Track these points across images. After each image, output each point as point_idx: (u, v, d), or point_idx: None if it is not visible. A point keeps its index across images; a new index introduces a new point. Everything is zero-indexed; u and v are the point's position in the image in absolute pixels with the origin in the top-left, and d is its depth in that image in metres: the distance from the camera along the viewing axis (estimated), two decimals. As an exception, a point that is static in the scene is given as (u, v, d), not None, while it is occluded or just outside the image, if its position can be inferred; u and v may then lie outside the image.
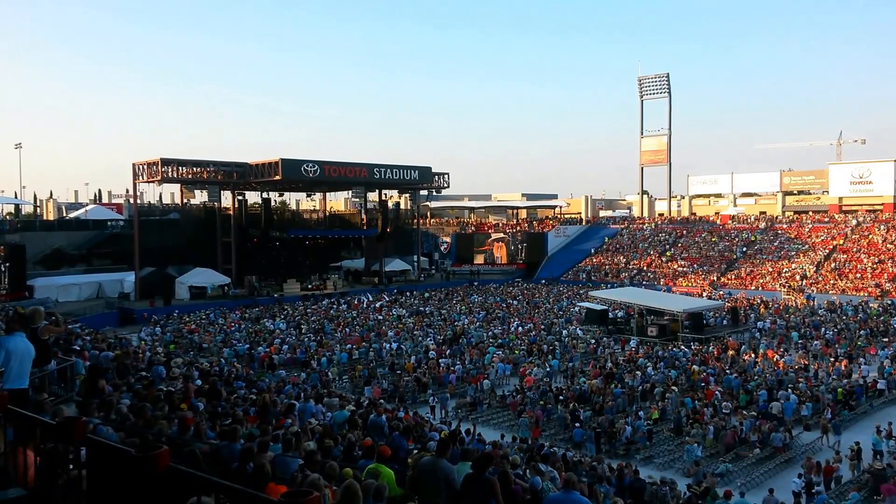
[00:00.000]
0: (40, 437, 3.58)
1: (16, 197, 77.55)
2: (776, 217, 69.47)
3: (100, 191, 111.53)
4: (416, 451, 11.79)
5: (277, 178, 48.82)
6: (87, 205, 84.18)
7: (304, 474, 6.77)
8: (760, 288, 51.09)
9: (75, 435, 3.10)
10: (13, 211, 68.01)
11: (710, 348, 31.12)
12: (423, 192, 62.19)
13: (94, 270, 51.05)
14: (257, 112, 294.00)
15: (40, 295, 40.90)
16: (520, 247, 70.03)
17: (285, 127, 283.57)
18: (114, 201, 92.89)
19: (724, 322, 38.84)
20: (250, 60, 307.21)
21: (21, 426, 3.75)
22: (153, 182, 49.51)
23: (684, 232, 68.17)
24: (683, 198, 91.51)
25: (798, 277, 51.78)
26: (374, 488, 5.97)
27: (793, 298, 47.19)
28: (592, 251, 68.09)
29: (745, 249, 60.43)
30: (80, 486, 3.19)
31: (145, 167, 48.49)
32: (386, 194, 61.08)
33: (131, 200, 62.40)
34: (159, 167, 47.16)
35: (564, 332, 36.36)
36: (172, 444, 5.89)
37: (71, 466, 3.30)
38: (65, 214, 79.95)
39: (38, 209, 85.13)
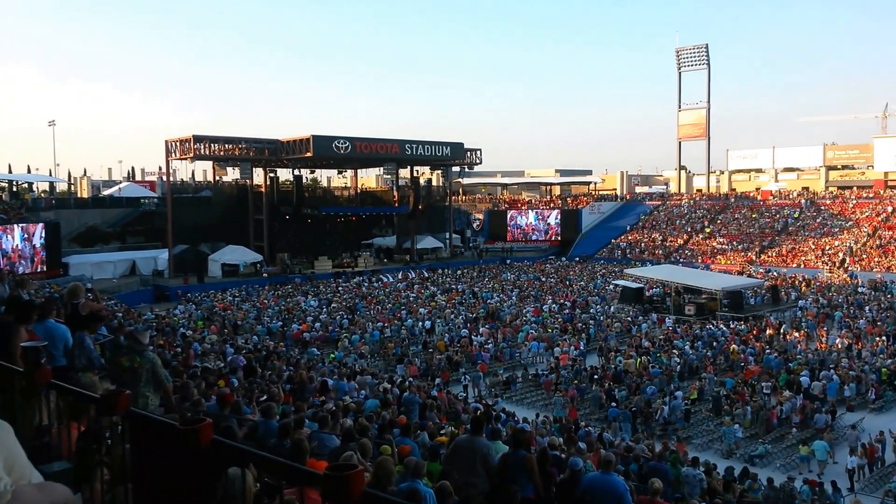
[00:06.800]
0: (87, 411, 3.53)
1: (50, 174, 78.47)
2: (819, 193, 67.30)
3: (133, 168, 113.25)
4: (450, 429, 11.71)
5: (308, 154, 48.81)
6: (120, 182, 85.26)
7: (342, 451, 6.68)
8: (802, 266, 49.89)
9: (118, 407, 2.98)
10: (48, 189, 69.07)
11: (747, 328, 30.36)
12: (456, 169, 61.64)
13: (127, 248, 51.61)
14: (288, 86, 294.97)
15: (75, 272, 41.37)
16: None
17: (316, 102, 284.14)
18: (147, 179, 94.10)
19: (765, 300, 38.02)
20: (284, 29, 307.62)
21: (67, 399, 3.69)
22: (186, 159, 49.79)
23: (724, 208, 66.74)
24: (723, 173, 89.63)
25: (840, 255, 50.41)
26: (412, 465, 5.86)
27: (835, 276, 46.01)
28: (628, 228, 66.98)
29: (786, 225, 58.98)
30: (124, 459, 3.09)
31: (178, 144, 48.73)
32: (418, 171, 60.63)
33: (164, 178, 63.17)
34: (192, 144, 47.40)
35: (595, 309, 35.90)
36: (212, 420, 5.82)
37: (110, 442, 3.21)
38: (99, 192, 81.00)
39: (73, 187, 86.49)
